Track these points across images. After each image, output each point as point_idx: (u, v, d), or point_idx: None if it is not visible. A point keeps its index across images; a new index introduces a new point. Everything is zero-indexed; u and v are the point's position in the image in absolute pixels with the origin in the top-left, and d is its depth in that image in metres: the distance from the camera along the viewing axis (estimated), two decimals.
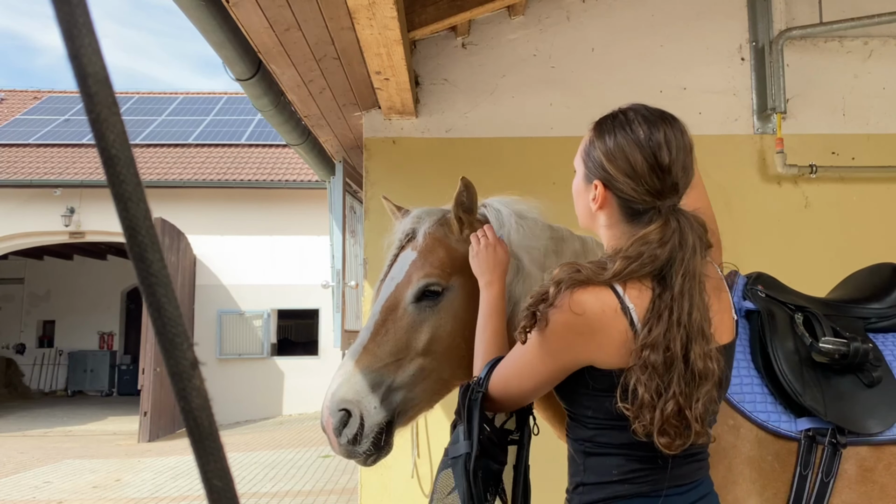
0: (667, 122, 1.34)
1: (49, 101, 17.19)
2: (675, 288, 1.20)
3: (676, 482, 1.24)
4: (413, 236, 1.76)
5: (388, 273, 1.75)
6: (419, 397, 1.65)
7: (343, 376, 1.62)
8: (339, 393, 1.59)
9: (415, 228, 1.77)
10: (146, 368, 10.41)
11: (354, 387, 1.59)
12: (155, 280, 0.42)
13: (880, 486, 1.52)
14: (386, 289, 1.72)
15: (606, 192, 1.30)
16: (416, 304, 1.65)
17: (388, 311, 1.67)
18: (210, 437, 0.43)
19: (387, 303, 1.68)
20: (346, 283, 4.43)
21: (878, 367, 1.58)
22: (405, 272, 1.70)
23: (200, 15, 2.67)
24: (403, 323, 1.65)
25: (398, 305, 1.67)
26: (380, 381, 1.60)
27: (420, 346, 1.63)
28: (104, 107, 0.41)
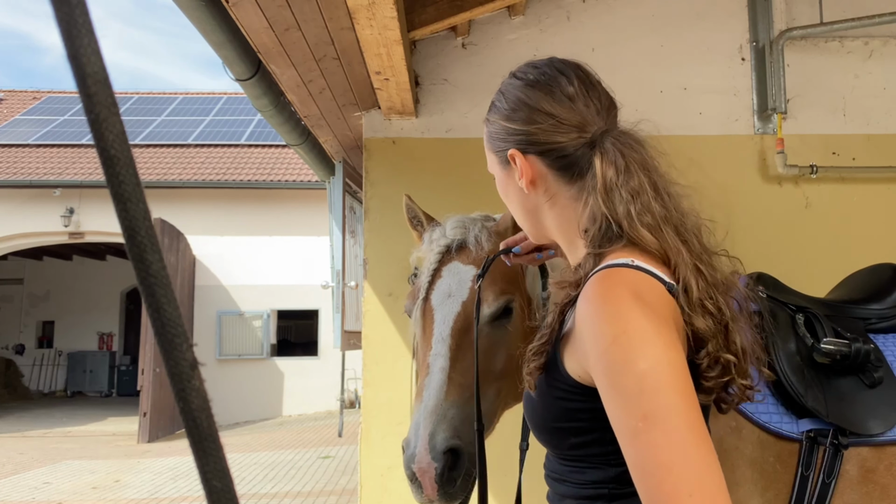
0: (556, 61, 1.16)
1: (49, 102, 17.19)
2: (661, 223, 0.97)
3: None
4: (462, 247, 1.63)
5: (437, 288, 1.59)
6: (491, 423, 1.56)
7: (436, 414, 1.45)
8: (441, 434, 1.43)
9: (463, 239, 1.64)
10: (146, 369, 10.41)
11: (454, 424, 1.44)
12: (154, 281, 0.41)
13: (882, 486, 1.52)
14: (446, 308, 1.57)
15: (527, 158, 1.05)
16: (491, 324, 1.53)
17: (462, 333, 1.53)
18: (209, 437, 0.43)
19: (456, 324, 1.54)
20: (346, 284, 4.43)
21: (880, 368, 1.58)
22: (469, 288, 1.57)
23: (200, 15, 2.67)
24: (480, 346, 1.48)
25: (471, 326, 1.50)
26: (470, 413, 1.45)
27: (498, 368, 1.53)
28: (103, 107, 0.40)
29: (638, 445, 0.79)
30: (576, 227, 1.04)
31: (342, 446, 9.45)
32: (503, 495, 3.34)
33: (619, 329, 0.85)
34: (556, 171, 1.05)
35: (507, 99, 1.11)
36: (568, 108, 1.05)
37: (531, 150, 1.06)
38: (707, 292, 0.95)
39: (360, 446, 3.44)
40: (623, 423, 0.82)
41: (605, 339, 0.85)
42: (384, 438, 3.34)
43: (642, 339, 0.83)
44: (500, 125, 1.10)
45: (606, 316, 0.87)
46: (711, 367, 0.92)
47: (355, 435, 6.35)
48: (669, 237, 0.97)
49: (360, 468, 3.46)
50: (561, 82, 1.08)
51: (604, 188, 0.98)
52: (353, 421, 10.26)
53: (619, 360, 0.83)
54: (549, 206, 1.07)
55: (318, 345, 13.60)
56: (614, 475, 0.94)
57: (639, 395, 0.80)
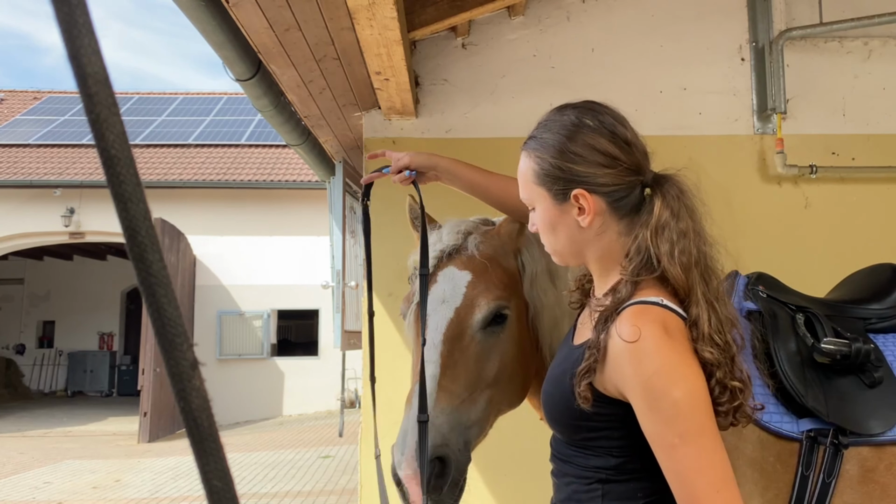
0: (597, 106, 1.27)
1: (49, 102, 17.19)
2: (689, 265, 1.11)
3: None
4: (459, 252, 1.62)
5: (431, 293, 1.57)
6: (484, 430, 1.54)
7: None
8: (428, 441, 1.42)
9: (460, 244, 1.63)
10: (146, 369, 10.41)
11: (441, 431, 1.44)
12: (155, 280, 0.42)
13: (882, 486, 1.52)
14: (439, 314, 1.55)
15: (594, 197, 1.17)
16: (483, 331, 1.51)
17: (453, 340, 1.51)
18: (210, 437, 0.43)
19: (448, 331, 1.52)
20: (346, 284, 4.43)
21: (880, 368, 1.58)
22: (463, 294, 1.55)
23: (200, 15, 2.67)
24: (472, 352, 1.51)
25: (464, 333, 1.52)
26: (459, 421, 1.47)
27: (490, 376, 1.51)
28: (104, 107, 0.41)
29: (676, 457, 1.02)
30: (616, 257, 1.18)
31: (342, 446, 9.46)
32: (504, 495, 3.34)
33: (657, 364, 1.03)
34: (613, 209, 1.18)
35: (571, 141, 1.19)
36: (627, 153, 1.19)
37: (597, 191, 1.17)
38: (717, 327, 1.09)
39: (360, 446, 3.44)
40: (662, 439, 1.03)
41: (645, 373, 1.04)
42: (384, 438, 3.34)
43: (675, 371, 1.03)
44: (562, 166, 1.18)
45: (645, 353, 1.04)
46: (722, 393, 1.07)
47: (355, 435, 6.35)
48: (695, 277, 1.11)
49: (359, 468, 3.46)
50: (618, 129, 1.21)
51: (656, 227, 1.13)
52: (353, 421, 10.26)
53: (657, 390, 1.03)
54: (597, 240, 1.20)
55: (318, 345, 13.61)
56: (614, 465, 1.13)
57: (675, 419, 1.01)
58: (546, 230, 1.25)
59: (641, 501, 1.13)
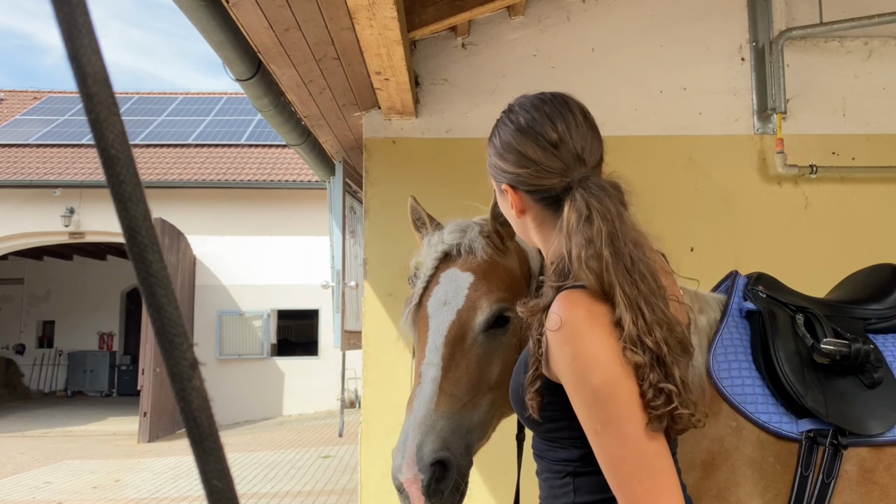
0: (549, 101, 1.23)
1: (49, 102, 17.19)
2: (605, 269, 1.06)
3: None
4: (461, 253, 1.60)
5: (433, 295, 1.57)
6: (486, 434, 1.53)
7: (425, 425, 1.44)
8: (429, 445, 1.41)
9: (462, 244, 1.61)
10: (146, 369, 10.41)
11: (442, 435, 1.43)
12: (155, 280, 0.42)
13: (881, 487, 1.52)
14: (441, 315, 1.54)
15: (517, 193, 1.21)
16: (486, 333, 1.50)
17: (455, 342, 1.50)
18: (210, 437, 0.43)
19: (450, 333, 1.51)
20: (346, 284, 4.43)
21: (879, 368, 1.58)
22: (465, 296, 1.53)
23: (200, 15, 2.67)
24: (474, 355, 1.50)
25: (466, 335, 1.51)
26: (461, 424, 1.45)
27: (493, 379, 1.49)
28: (104, 107, 0.41)
29: (598, 444, 1.03)
30: (553, 250, 1.19)
31: (342, 446, 9.46)
32: (504, 495, 3.34)
33: (575, 350, 1.04)
34: (541, 205, 1.20)
35: (501, 138, 1.23)
36: (550, 156, 1.17)
37: (520, 188, 1.21)
38: (644, 329, 1.04)
39: (360, 446, 3.44)
40: (586, 425, 1.05)
41: (566, 358, 1.05)
42: (384, 438, 3.34)
43: (594, 358, 1.02)
44: (494, 161, 1.25)
45: (565, 340, 1.05)
46: (656, 396, 1.02)
47: (355, 435, 6.35)
48: (613, 280, 1.06)
49: (360, 468, 3.46)
50: (546, 130, 1.18)
51: (566, 232, 1.11)
52: (353, 421, 10.26)
53: (578, 377, 1.04)
54: (537, 230, 1.23)
55: (319, 345, 13.60)
56: (579, 455, 1.12)
57: (595, 405, 1.02)
58: (505, 215, 1.34)
59: (612, 493, 1.07)
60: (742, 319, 1.67)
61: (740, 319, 1.67)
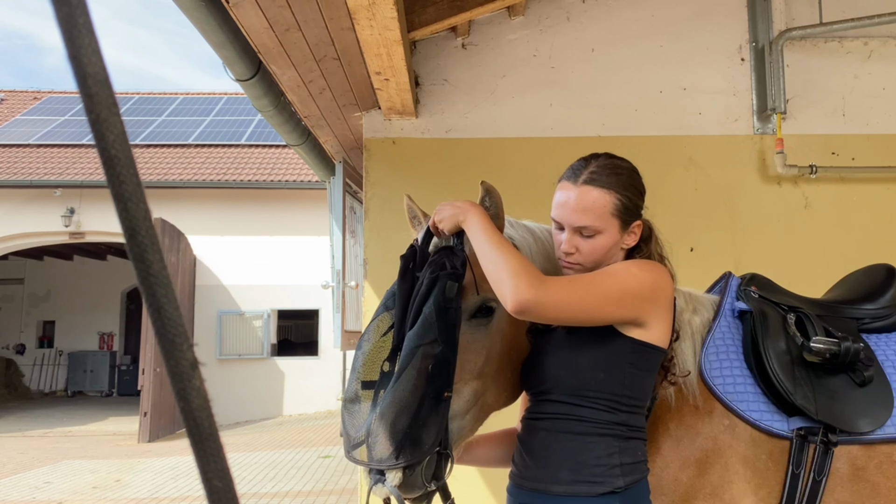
0: None
1: (49, 102, 17.19)
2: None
3: None
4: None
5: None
6: (468, 425, 1.53)
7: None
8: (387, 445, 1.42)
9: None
10: (146, 369, 10.41)
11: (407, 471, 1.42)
12: (155, 280, 0.42)
13: (872, 484, 1.53)
14: None
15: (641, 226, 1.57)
16: (468, 322, 1.52)
17: None
18: (210, 437, 0.43)
19: None
20: (346, 284, 4.43)
21: (870, 367, 1.59)
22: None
23: (200, 15, 2.67)
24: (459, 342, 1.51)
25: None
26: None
27: (475, 368, 1.51)
28: (104, 107, 0.41)
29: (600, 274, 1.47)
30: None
31: (342, 446, 9.44)
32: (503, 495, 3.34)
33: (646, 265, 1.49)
34: None
35: (639, 184, 1.55)
36: None
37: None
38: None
39: None
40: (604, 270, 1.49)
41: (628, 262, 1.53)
42: None
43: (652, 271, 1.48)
44: (636, 203, 1.53)
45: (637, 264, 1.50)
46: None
47: None
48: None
49: (359, 468, 3.46)
50: None
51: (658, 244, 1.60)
52: None
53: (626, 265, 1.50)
54: (618, 255, 1.54)
55: (319, 345, 13.59)
56: (623, 420, 1.41)
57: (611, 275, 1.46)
58: (601, 252, 1.51)
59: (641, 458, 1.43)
60: (735, 319, 1.69)
61: (733, 319, 1.69)
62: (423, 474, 1.41)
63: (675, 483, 1.51)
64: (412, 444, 1.38)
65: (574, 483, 1.37)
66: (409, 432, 1.38)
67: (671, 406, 1.57)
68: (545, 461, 1.42)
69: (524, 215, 1.79)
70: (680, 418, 1.56)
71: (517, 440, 1.54)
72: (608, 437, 1.39)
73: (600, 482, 1.36)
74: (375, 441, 1.41)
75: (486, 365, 1.51)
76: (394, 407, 1.39)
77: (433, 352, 1.41)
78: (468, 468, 1.88)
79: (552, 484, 1.39)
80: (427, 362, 1.41)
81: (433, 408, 1.41)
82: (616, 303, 1.40)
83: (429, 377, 1.40)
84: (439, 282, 1.47)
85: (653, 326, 1.43)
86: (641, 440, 1.44)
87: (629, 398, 1.42)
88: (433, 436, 1.41)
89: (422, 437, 1.39)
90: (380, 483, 1.40)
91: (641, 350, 1.42)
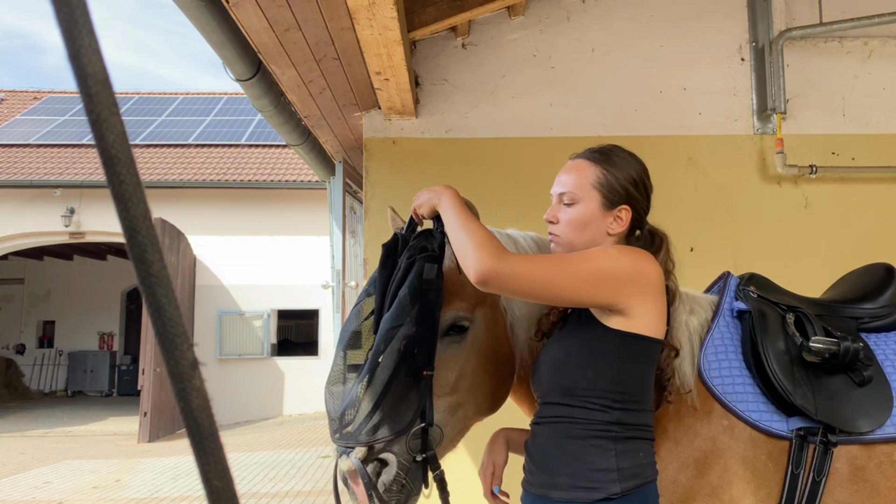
0: None
1: (49, 102, 17.19)
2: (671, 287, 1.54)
3: None
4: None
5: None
6: (449, 435, 1.55)
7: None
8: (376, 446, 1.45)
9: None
10: (146, 369, 10.41)
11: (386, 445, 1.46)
12: (155, 280, 0.42)
13: (871, 484, 1.52)
14: None
15: (629, 216, 1.50)
16: (441, 340, 1.53)
17: None
18: (210, 437, 0.43)
19: None
20: (346, 284, 4.43)
21: (869, 367, 1.59)
22: None
23: (200, 15, 2.67)
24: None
25: None
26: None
27: (448, 384, 1.52)
28: (104, 107, 0.41)
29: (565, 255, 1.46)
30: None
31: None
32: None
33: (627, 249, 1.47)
34: (628, 230, 1.54)
35: (632, 168, 1.54)
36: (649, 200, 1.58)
37: (634, 213, 1.52)
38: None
39: None
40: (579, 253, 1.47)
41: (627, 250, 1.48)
42: None
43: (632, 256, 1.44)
44: (624, 185, 1.51)
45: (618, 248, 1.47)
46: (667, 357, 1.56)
47: None
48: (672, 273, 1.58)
49: None
50: (650, 181, 1.58)
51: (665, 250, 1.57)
52: None
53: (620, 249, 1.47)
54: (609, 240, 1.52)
55: (319, 345, 13.59)
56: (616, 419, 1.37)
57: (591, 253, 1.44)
58: (578, 225, 1.50)
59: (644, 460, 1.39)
60: (733, 319, 1.68)
61: (731, 319, 1.68)
62: (409, 446, 1.45)
63: (673, 484, 1.50)
64: (391, 422, 1.43)
65: (572, 489, 1.36)
66: (386, 410, 1.42)
67: (669, 407, 1.57)
68: (545, 466, 1.42)
69: (523, 215, 1.80)
70: (678, 419, 1.56)
71: (524, 445, 1.55)
72: (603, 440, 1.36)
73: (597, 488, 1.34)
74: (353, 420, 1.45)
75: (459, 380, 1.54)
76: (371, 387, 1.44)
77: (408, 333, 1.45)
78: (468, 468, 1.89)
79: (552, 489, 1.39)
80: (402, 343, 1.45)
81: (412, 386, 1.46)
82: (588, 282, 1.36)
83: (404, 357, 1.45)
84: (416, 265, 1.51)
85: (637, 314, 1.38)
86: (644, 440, 1.40)
87: (621, 394, 1.37)
88: (412, 412, 1.45)
89: (400, 414, 1.44)
90: (344, 455, 1.43)
91: (629, 342, 1.38)
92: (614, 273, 1.37)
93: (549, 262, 1.39)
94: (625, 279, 1.37)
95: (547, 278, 1.35)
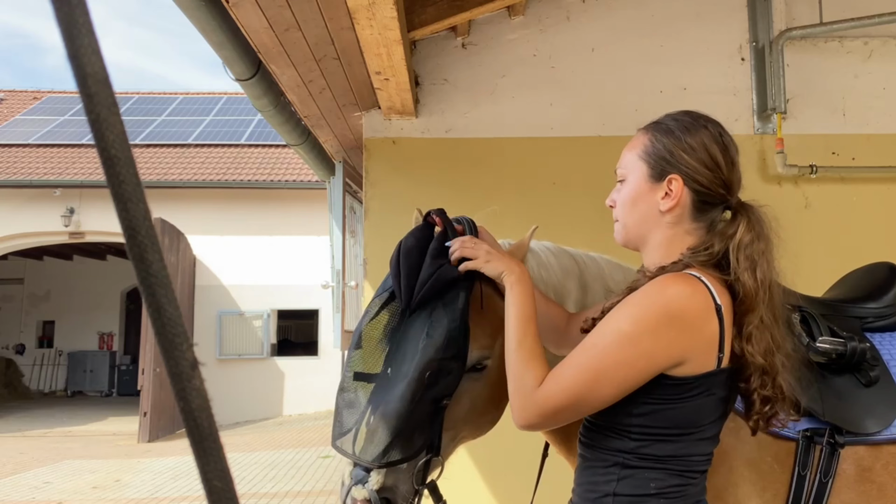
0: (722, 126, 1.41)
1: (49, 102, 17.19)
2: (763, 283, 1.25)
3: (700, 497, 1.26)
4: None
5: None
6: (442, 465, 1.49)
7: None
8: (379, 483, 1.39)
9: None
10: (146, 369, 10.41)
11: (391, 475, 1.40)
12: (155, 280, 0.42)
13: (878, 485, 1.52)
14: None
15: (684, 188, 1.30)
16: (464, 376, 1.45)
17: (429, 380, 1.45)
18: (210, 437, 0.43)
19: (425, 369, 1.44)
20: (346, 284, 4.43)
21: (876, 367, 1.58)
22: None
23: (200, 15, 2.67)
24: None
25: None
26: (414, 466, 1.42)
27: (458, 417, 1.46)
28: (104, 107, 0.41)
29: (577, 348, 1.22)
30: (675, 252, 1.30)
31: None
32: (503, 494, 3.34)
33: (649, 301, 1.19)
34: (694, 208, 1.31)
35: (690, 135, 1.34)
36: (729, 170, 1.35)
37: (690, 184, 1.30)
38: (760, 337, 1.23)
39: None
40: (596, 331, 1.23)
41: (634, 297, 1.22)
42: None
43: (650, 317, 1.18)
44: (676, 151, 1.32)
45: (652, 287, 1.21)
46: (765, 401, 1.24)
47: None
48: (762, 293, 1.27)
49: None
50: (732, 149, 1.38)
51: (739, 243, 1.28)
52: None
53: (621, 311, 1.21)
54: (667, 228, 1.32)
55: (319, 345, 13.59)
56: (632, 448, 1.23)
57: (601, 333, 1.21)
58: (627, 202, 1.35)
59: (653, 491, 1.21)
60: None
61: None
62: (415, 477, 1.39)
63: None
64: (402, 446, 1.36)
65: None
66: (401, 434, 1.36)
67: None
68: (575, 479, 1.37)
69: (524, 214, 1.79)
70: None
71: None
72: (612, 466, 1.24)
73: None
74: (365, 439, 1.39)
75: (470, 412, 1.48)
76: (390, 409, 1.37)
77: (447, 365, 1.38)
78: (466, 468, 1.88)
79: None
80: (434, 371, 1.37)
81: (429, 414, 1.39)
82: (615, 374, 1.17)
83: (431, 385, 1.37)
84: (462, 295, 1.40)
85: (679, 361, 1.19)
86: (662, 469, 1.22)
87: (642, 426, 1.22)
88: (423, 440, 1.38)
89: (413, 440, 1.37)
90: (360, 484, 1.37)
91: (660, 384, 1.20)
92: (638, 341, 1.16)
93: (570, 366, 1.21)
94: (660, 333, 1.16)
95: (579, 395, 1.18)
